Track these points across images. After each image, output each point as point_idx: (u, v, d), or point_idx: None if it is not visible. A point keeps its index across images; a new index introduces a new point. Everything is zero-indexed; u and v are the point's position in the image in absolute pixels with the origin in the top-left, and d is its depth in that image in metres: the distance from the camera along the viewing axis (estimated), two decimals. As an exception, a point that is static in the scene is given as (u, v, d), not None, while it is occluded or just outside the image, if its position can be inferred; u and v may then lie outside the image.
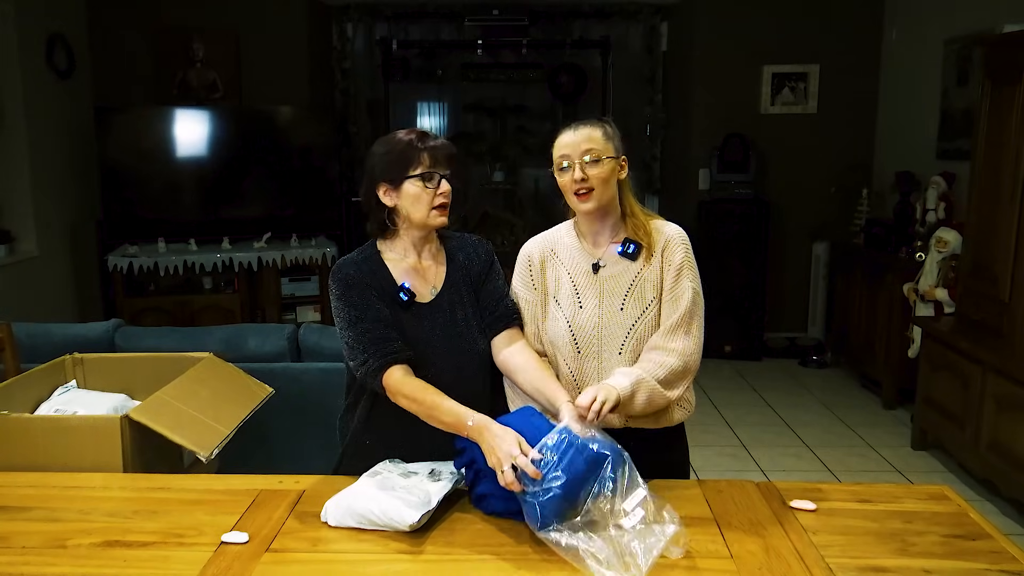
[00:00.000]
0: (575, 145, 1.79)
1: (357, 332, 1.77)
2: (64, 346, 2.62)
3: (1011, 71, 3.48)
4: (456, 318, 1.86)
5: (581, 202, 1.81)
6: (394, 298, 1.82)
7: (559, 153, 1.82)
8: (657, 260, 1.85)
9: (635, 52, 6.10)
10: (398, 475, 1.69)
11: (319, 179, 5.54)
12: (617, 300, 1.84)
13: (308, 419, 2.84)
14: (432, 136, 1.84)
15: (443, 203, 1.81)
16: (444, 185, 1.81)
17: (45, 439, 1.97)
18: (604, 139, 1.80)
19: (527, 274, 1.93)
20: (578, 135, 1.80)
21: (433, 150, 1.80)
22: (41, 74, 4.94)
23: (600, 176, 1.79)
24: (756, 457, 4.00)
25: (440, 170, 1.80)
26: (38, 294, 4.89)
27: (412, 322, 1.83)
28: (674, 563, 1.50)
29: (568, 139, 1.81)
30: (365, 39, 6.06)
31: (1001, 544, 1.56)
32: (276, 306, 5.33)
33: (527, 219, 6.05)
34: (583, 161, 1.78)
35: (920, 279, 4.31)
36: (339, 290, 1.81)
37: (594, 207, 1.82)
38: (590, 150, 1.78)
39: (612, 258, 1.86)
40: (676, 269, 1.85)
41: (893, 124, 5.55)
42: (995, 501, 3.45)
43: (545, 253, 1.93)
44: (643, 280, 1.85)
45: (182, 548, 1.54)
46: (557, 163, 1.82)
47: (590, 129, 1.80)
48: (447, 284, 1.88)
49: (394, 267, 1.86)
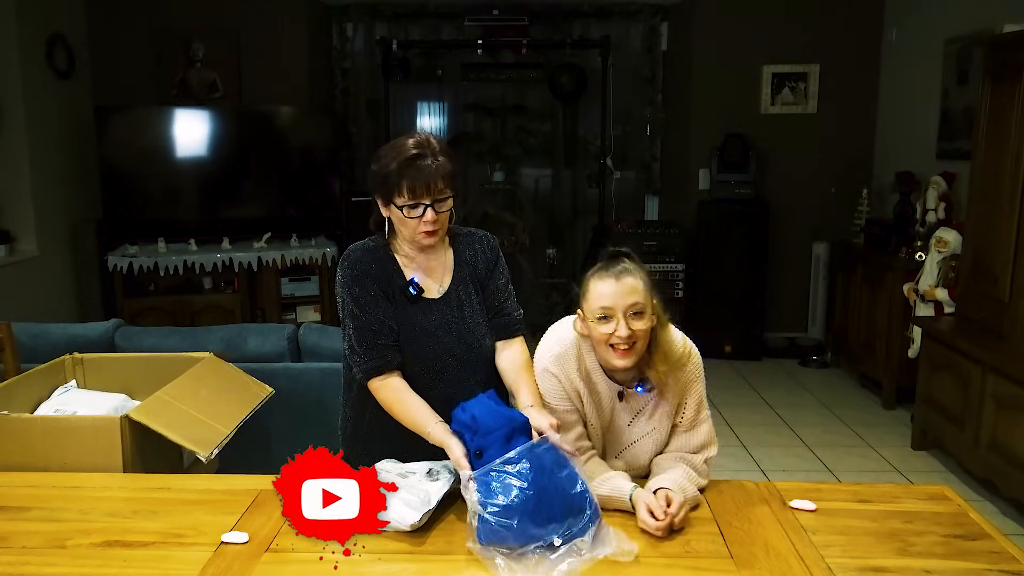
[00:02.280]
0: (619, 297, 1.68)
1: (357, 328, 1.80)
2: (64, 346, 2.62)
3: (1011, 71, 3.48)
4: (464, 315, 1.87)
5: (620, 358, 1.71)
6: (403, 291, 1.83)
7: (599, 303, 1.69)
8: (676, 392, 1.82)
9: (635, 52, 6.11)
10: (396, 475, 1.69)
11: (319, 179, 5.54)
12: (627, 418, 1.84)
13: (308, 419, 2.84)
14: (426, 154, 1.74)
15: (428, 231, 1.78)
16: (429, 214, 1.75)
17: (45, 439, 1.97)
18: (645, 289, 1.71)
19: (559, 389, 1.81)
20: (621, 287, 1.69)
21: (416, 179, 1.72)
22: (41, 74, 4.94)
23: (644, 331, 1.70)
24: (756, 457, 4.00)
25: (424, 200, 1.73)
26: (38, 294, 4.89)
27: (419, 315, 1.84)
28: (674, 563, 1.50)
29: (610, 290, 1.69)
30: (365, 39, 6.07)
31: (1001, 544, 1.56)
32: (276, 306, 5.33)
33: (527, 219, 6.06)
34: (627, 316, 1.68)
35: (920, 279, 4.31)
36: (346, 279, 1.83)
37: (633, 363, 1.73)
38: (635, 304, 1.69)
39: (630, 392, 1.82)
40: (696, 402, 1.84)
41: (893, 124, 5.55)
42: (995, 501, 3.45)
43: (569, 374, 1.81)
44: (653, 406, 1.83)
45: (182, 548, 1.54)
46: (595, 312, 1.70)
47: (633, 281, 1.70)
48: (455, 281, 1.89)
49: (403, 261, 1.87)
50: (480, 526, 1.49)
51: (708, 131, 5.72)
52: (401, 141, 1.79)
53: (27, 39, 4.77)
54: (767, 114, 5.76)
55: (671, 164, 6.19)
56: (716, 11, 5.69)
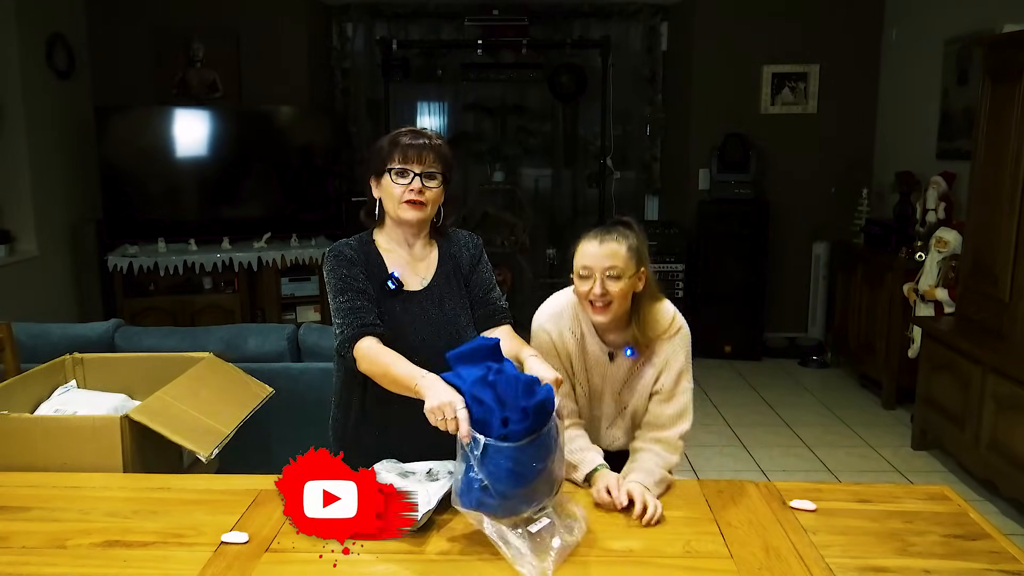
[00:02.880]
0: (598, 259, 1.79)
1: (338, 302, 1.83)
2: (64, 346, 2.62)
3: (1011, 71, 3.48)
4: (444, 308, 1.90)
5: (596, 314, 1.83)
6: (383, 285, 1.87)
7: (580, 263, 1.81)
8: (659, 361, 1.90)
9: (635, 52, 6.11)
10: (396, 475, 1.69)
11: (319, 179, 5.54)
12: (616, 384, 1.93)
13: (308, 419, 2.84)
14: (425, 135, 1.86)
15: (412, 199, 1.83)
16: (416, 182, 1.82)
17: (45, 439, 1.97)
18: (627, 255, 1.80)
19: (550, 346, 1.91)
20: (603, 249, 1.79)
21: (409, 148, 1.83)
22: (41, 74, 4.94)
23: (620, 292, 1.80)
24: (756, 457, 4.00)
25: (413, 167, 1.82)
26: (38, 294, 4.89)
27: (400, 309, 1.87)
28: (674, 563, 1.50)
29: (591, 251, 1.80)
30: (365, 39, 6.07)
31: (1001, 544, 1.56)
32: (276, 306, 5.33)
33: (527, 219, 6.05)
34: (604, 276, 1.79)
35: (920, 279, 4.31)
36: (331, 264, 1.88)
37: (608, 320, 1.83)
38: (612, 267, 1.79)
39: (620, 353, 1.91)
40: (676, 373, 1.90)
41: (893, 124, 5.55)
42: (995, 501, 3.45)
43: (562, 331, 1.92)
44: (640, 373, 1.91)
45: (182, 548, 1.54)
46: (577, 270, 1.82)
47: (615, 245, 1.79)
48: (437, 276, 1.93)
49: (386, 256, 1.91)
50: (474, 493, 1.46)
51: (708, 131, 5.72)
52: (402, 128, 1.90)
53: (27, 39, 4.77)
54: (767, 114, 5.76)
55: (671, 164, 6.19)
56: (716, 11, 5.69)
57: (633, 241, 1.82)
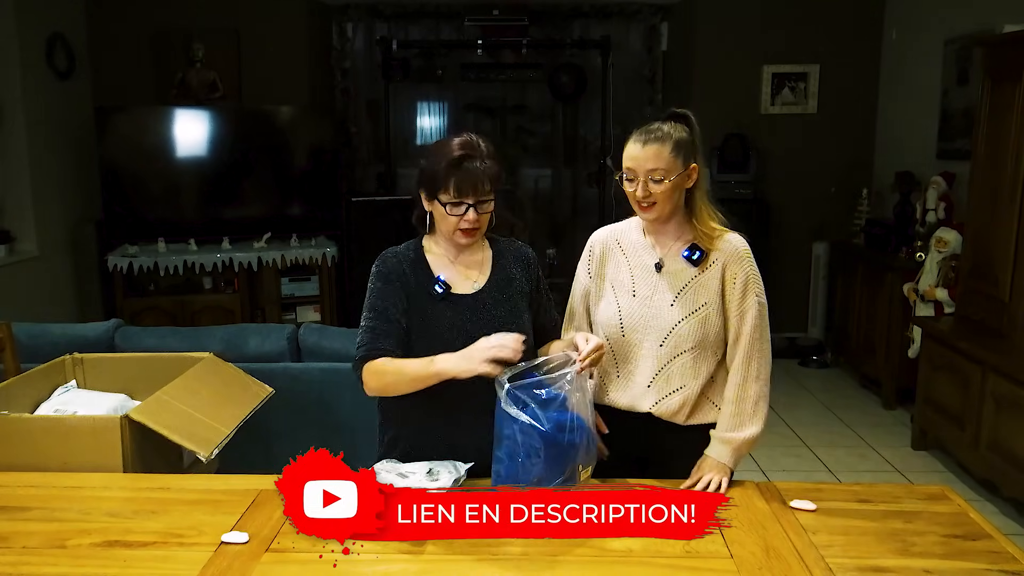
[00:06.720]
0: (640, 161, 1.79)
1: (363, 317, 1.85)
2: (64, 346, 2.62)
3: (1011, 71, 3.48)
4: (495, 314, 1.86)
5: (643, 213, 1.85)
6: (429, 291, 1.84)
7: (626, 164, 1.82)
8: (717, 270, 1.87)
9: (635, 52, 6.11)
10: (396, 475, 1.69)
11: (319, 179, 5.53)
12: (670, 296, 1.87)
13: (308, 419, 2.84)
14: (475, 156, 1.78)
15: (467, 228, 1.81)
16: (471, 214, 1.79)
17: (45, 439, 1.97)
18: (672, 156, 1.79)
19: (587, 260, 1.99)
20: (646, 151, 1.79)
21: (464, 180, 1.76)
22: (41, 74, 4.94)
23: (663, 193, 1.80)
24: (756, 457, 4.00)
25: (468, 199, 1.78)
26: (38, 294, 4.89)
27: (448, 312, 1.84)
28: (674, 563, 1.50)
29: (635, 152, 1.80)
30: (365, 39, 6.06)
31: (1001, 544, 1.56)
32: (276, 306, 5.33)
33: (527, 219, 6.05)
34: (647, 179, 1.79)
35: (920, 279, 4.31)
36: (372, 272, 1.88)
37: (655, 218, 1.85)
38: (655, 169, 1.78)
39: (675, 259, 1.89)
40: (743, 284, 1.86)
41: (893, 124, 5.55)
42: (995, 501, 3.45)
43: (610, 244, 1.96)
44: (699, 284, 1.87)
45: (182, 548, 1.54)
46: (623, 171, 1.83)
47: (659, 146, 1.79)
48: (490, 282, 1.89)
49: (435, 261, 1.89)
50: (508, 465, 1.64)
51: (708, 131, 5.69)
52: (449, 140, 1.83)
53: (27, 39, 4.77)
54: (767, 114, 5.75)
55: (671, 164, 6.18)
56: (716, 11, 5.68)
57: (682, 135, 1.82)
